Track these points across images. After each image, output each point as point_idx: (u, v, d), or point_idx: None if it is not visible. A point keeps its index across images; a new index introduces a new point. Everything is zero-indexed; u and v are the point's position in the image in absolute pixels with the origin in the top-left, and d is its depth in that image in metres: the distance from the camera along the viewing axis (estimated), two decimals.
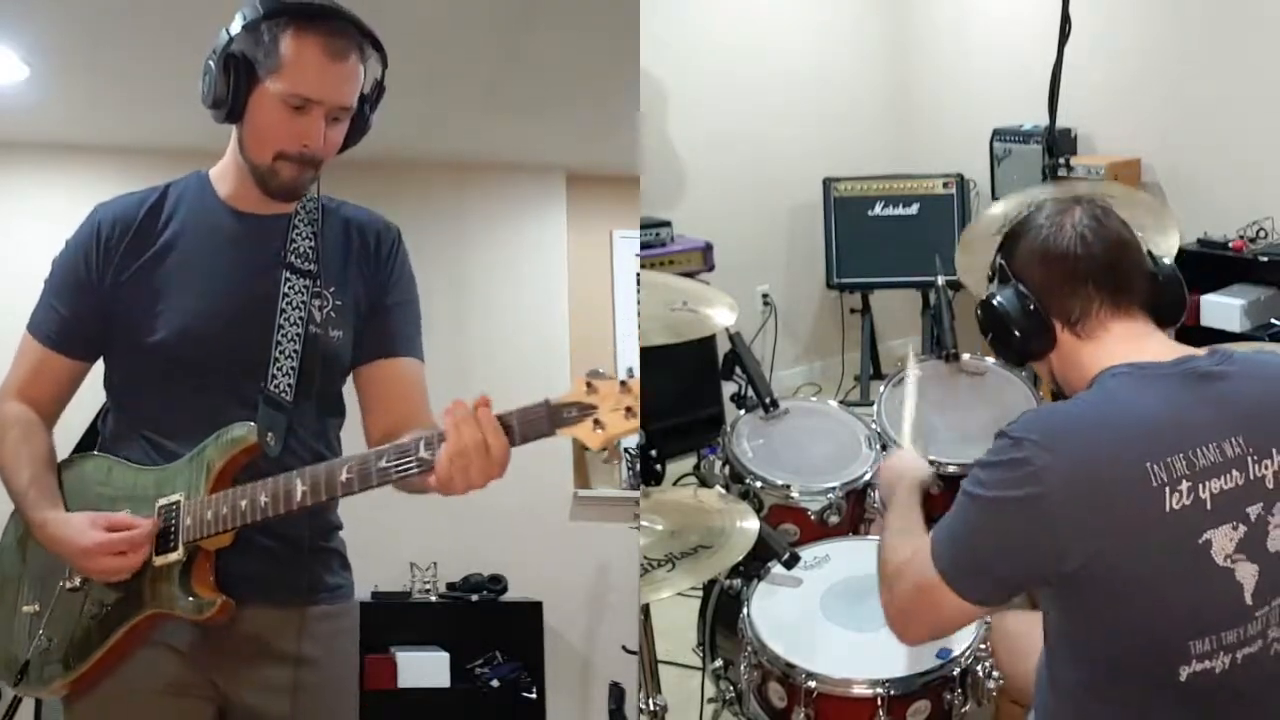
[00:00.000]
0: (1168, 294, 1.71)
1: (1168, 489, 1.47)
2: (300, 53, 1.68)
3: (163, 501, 1.72)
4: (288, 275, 1.79)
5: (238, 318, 1.76)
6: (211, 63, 1.71)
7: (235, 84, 1.70)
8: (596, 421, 1.50)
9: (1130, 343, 1.61)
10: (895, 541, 1.75)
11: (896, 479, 1.99)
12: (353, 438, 1.88)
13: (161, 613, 1.71)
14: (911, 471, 2.00)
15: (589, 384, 1.51)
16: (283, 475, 1.66)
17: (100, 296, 1.78)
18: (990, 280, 1.76)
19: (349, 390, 1.90)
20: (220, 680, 1.75)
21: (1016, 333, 1.67)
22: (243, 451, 1.71)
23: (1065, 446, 1.49)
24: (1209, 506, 1.48)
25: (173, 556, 1.69)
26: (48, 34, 3.47)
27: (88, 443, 1.91)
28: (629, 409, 1.50)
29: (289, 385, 1.76)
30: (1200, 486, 1.48)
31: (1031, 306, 1.66)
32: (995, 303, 1.69)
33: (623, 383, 1.50)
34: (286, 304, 1.78)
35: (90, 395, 1.89)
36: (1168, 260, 1.74)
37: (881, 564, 1.74)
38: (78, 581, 1.75)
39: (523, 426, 1.53)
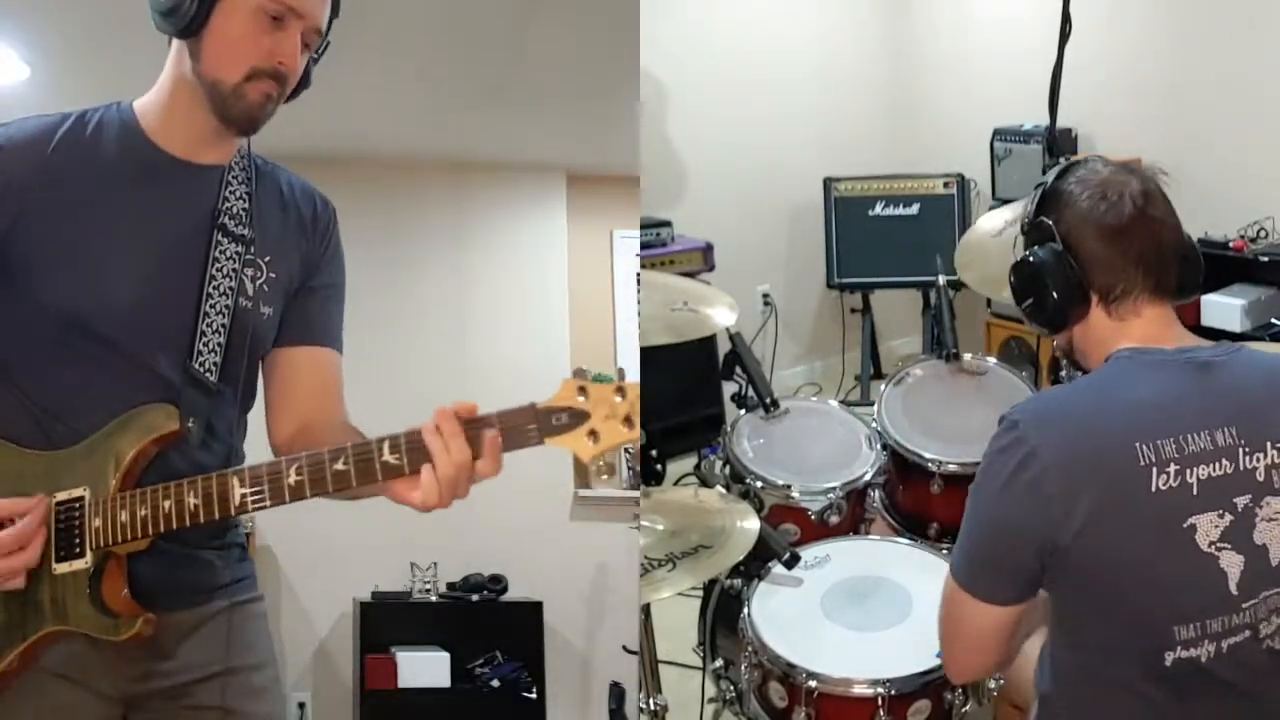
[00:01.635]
0: (1189, 265, 1.65)
1: (1155, 469, 1.47)
2: None
3: (62, 496, 1.46)
4: (219, 238, 1.55)
5: (160, 282, 1.52)
6: None
7: None
8: (592, 432, 1.33)
9: (1153, 330, 1.59)
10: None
11: None
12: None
13: (65, 630, 1.45)
14: None
15: (580, 387, 1.34)
16: (215, 474, 1.43)
17: None
18: (1023, 233, 1.69)
19: None
20: (120, 689, 1.52)
21: (1055, 295, 1.61)
22: (158, 439, 1.46)
23: (1057, 425, 1.52)
24: (1195, 491, 1.49)
25: (79, 564, 1.44)
26: (48, 34, 3.47)
27: None
28: (627, 418, 1.34)
29: (214, 365, 1.53)
30: (1188, 471, 1.48)
31: (1073, 274, 1.60)
32: (1035, 262, 1.63)
33: (619, 388, 1.33)
34: (217, 270, 1.54)
35: None
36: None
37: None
38: None
39: (508, 434, 1.35)
